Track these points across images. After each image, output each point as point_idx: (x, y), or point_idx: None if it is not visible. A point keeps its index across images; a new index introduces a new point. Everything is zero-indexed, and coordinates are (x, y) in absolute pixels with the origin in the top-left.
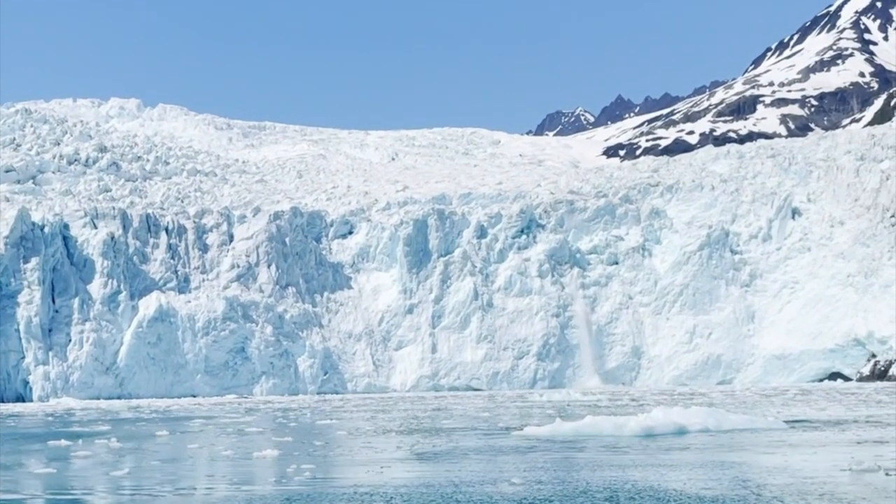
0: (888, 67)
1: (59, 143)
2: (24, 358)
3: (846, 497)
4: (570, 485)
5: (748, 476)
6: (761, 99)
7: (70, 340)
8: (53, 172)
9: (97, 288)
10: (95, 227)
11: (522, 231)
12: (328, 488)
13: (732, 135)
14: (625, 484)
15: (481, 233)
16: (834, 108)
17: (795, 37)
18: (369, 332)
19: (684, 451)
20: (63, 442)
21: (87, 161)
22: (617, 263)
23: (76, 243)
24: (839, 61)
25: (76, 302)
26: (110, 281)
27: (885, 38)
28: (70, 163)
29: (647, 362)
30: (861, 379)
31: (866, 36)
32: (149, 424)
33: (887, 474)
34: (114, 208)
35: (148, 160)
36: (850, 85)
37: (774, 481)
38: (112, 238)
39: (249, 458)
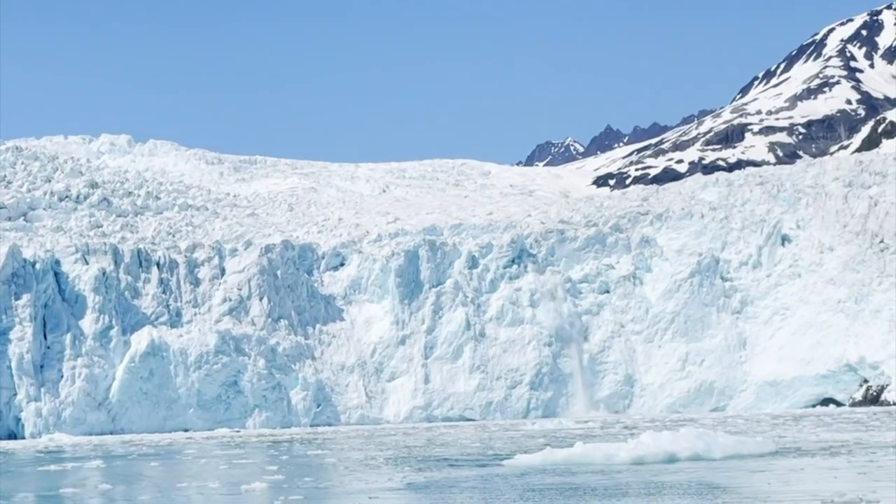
0: (874, 94)
1: (49, 180)
2: (15, 395)
3: None
4: None
5: None
6: (749, 127)
7: (62, 376)
8: (44, 209)
9: (89, 323)
10: (87, 263)
11: (513, 261)
12: None
13: (721, 163)
14: None
15: (472, 263)
16: (821, 135)
17: (782, 65)
18: (362, 364)
19: (671, 480)
20: (52, 469)
21: (78, 197)
22: (608, 292)
23: (68, 279)
24: (826, 89)
25: (68, 338)
26: (102, 316)
27: (871, 66)
28: (61, 199)
29: (640, 390)
30: (854, 404)
31: (852, 63)
32: (139, 459)
33: None
34: (105, 244)
35: (139, 195)
36: (837, 112)
37: None
38: (103, 273)
39: (238, 492)
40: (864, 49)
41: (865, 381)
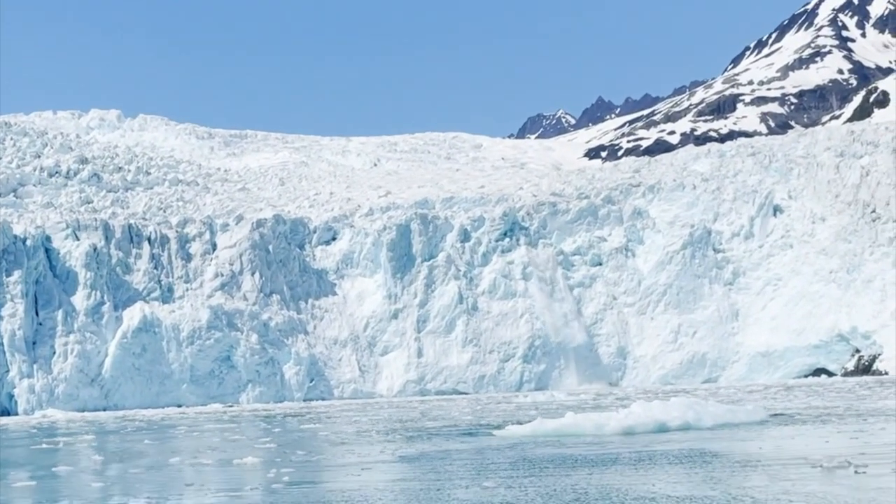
0: (866, 64)
1: (39, 156)
2: (8, 371)
3: (815, 496)
4: (542, 487)
5: (720, 475)
6: (741, 98)
7: (54, 353)
8: (34, 185)
9: (80, 300)
10: (78, 239)
11: (505, 234)
12: (305, 492)
13: (713, 134)
14: (595, 483)
15: (464, 236)
16: (813, 105)
17: (774, 35)
18: (354, 338)
19: (661, 450)
20: (44, 446)
21: (68, 173)
22: (601, 264)
23: (59, 255)
24: (818, 59)
25: (60, 314)
26: (94, 292)
27: (863, 35)
28: (51, 175)
29: (633, 362)
30: (846, 374)
31: (844, 33)
32: (132, 434)
33: (856, 472)
34: (96, 220)
35: (129, 171)
36: (828, 82)
37: (745, 482)
38: (94, 249)
39: (230, 465)
40: (855, 18)
41: (857, 350)
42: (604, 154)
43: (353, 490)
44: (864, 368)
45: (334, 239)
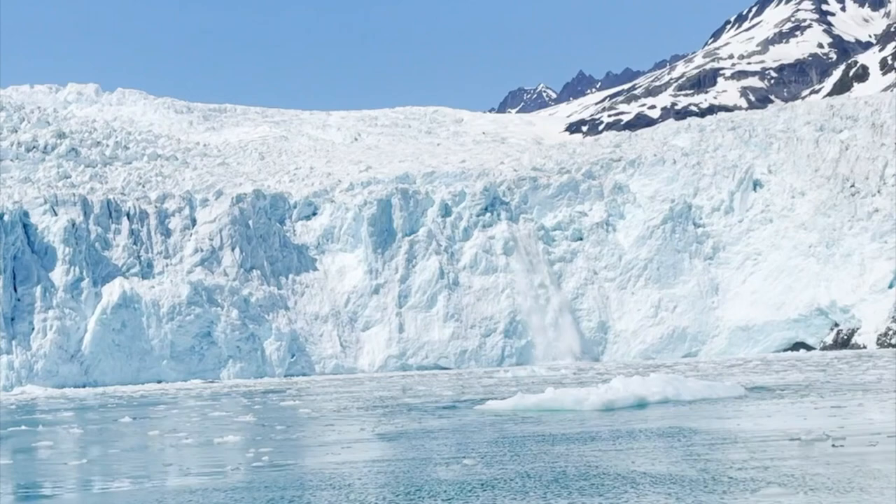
0: (846, 38)
1: (16, 131)
2: None
3: (793, 469)
4: (521, 465)
5: (699, 451)
6: (721, 72)
7: (33, 329)
8: (12, 160)
9: (59, 275)
10: (56, 215)
11: (486, 209)
12: (285, 472)
13: (694, 108)
14: (574, 461)
15: (445, 211)
16: (793, 79)
17: (754, 9)
18: (336, 314)
19: (640, 424)
20: (24, 427)
21: (45, 148)
22: (581, 239)
23: (37, 231)
24: (798, 33)
25: (38, 290)
26: (72, 268)
27: (843, 9)
28: (28, 150)
29: (614, 337)
30: (824, 348)
31: (824, 7)
32: (112, 412)
33: (834, 445)
34: (74, 195)
35: (108, 145)
36: (808, 56)
37: (724, 455)
38: (73, 225)
39: (210, 444)
40: None
41: (836, 324)
42: (585, 128)
43: (332, 469)
44: (843, 342)
45: (315, 214)
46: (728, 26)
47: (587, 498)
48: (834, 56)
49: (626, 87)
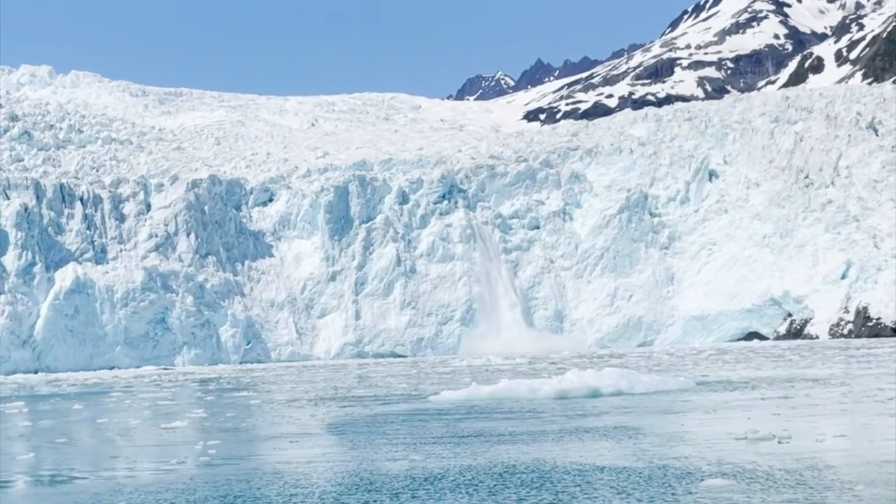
0: (802, 29)
1: None
2: None
3: (737, 467)
4: (471, 458)
5: (646, 446)
6: (678, 62)
7: None
8: None
9: (11, 260)
10: (8, 198)
11: (444, 196)
12: (231, 467)
13: (651, 98)
14: (524, 456)
15: (403, 199)
16: (749, 70)
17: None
18: (292, 301)
19: (592, 424)
20: None
21: None
22: (538, 228)
23: None
24: (754, 24)
25: None
26: (25, 253)
27: (799, 1)
28: None
29: (570, 325)
30: (777, 338)
31: None
32: (64, 401)
33: (779, 442)
34: (27, 178)
35: (61, 129)
36: (765, 47)
37: (670, 452)
38: (25, 209)
39: (159, 436)
40: None
41: (789, 315)
42: (542, 117)
43: (280, 464)
44: (796, 332)
45: (271, 200)
46: (686, 16)
47: (535, 491)
48: (790, 47)
49: (583, 75)
